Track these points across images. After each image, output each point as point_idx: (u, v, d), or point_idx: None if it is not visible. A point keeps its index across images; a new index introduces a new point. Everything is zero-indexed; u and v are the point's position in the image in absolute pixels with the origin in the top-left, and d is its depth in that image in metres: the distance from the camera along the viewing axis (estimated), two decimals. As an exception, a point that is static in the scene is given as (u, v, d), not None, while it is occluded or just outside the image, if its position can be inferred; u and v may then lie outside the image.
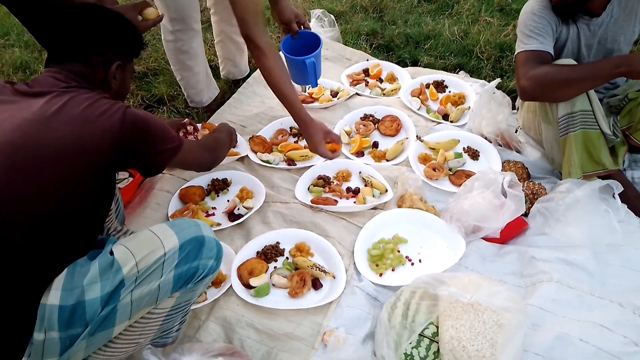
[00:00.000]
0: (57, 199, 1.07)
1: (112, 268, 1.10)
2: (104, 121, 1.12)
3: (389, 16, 3.33)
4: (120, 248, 1.14)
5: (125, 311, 1.13)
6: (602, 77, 1.71)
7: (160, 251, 1.14)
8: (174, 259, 1.16)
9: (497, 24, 3.14)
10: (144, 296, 1.15)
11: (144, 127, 1.20)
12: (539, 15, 1.79)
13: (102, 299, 1.08)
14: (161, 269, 1.15)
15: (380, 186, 1.94)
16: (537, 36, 1.77)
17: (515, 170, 1.99)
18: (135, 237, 1.18)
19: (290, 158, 2.13)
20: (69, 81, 1.20)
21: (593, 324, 1.45)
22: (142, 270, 1.12)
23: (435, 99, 2.45)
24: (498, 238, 1.74)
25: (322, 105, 2.40)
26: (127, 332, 1.20)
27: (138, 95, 2.61)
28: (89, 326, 1.08)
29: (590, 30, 1.84)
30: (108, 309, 1.10)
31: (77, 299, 1.06)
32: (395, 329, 1.40)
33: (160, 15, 1.69)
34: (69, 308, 1.06)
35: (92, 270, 1.09)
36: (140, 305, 1.16)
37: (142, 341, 1.26)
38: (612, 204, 1.73)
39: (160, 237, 1.16)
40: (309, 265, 1.64)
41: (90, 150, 1.10)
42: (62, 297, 1.05)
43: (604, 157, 1.80)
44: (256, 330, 1.48)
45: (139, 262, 1.12)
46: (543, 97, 1.83)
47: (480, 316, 1.37)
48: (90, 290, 1.07)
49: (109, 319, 1.11)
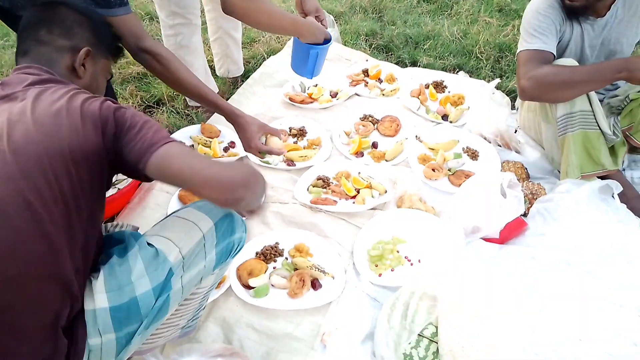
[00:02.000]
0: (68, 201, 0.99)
1: (157, 259, 1.09)
2: (85, 111, 1.02)
3: (388, 16, 3.34)
4: (158, 238, 1.12)
5: (177, 297, 1.13)
6: (602, 80, 1.71)
7: (199, 234, 1.14)
8: (214, 238, 1.17)
9: (497, 24, 3.14)
10: (193, 278, 1.15)
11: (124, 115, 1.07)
12: (544, 14, 1.78)
13: (154, 291, 1.07)
14: (204, 250, 1.15)
15: (380, 187, 1.94)
16: (540, 35, 1.77)
17: (514, 170, 1.99)
18: (166, 226, 1.17)
19: (289, 158, 2.13)
20: (41, 74, 1.11)
21: (593, 324, 1.44)
22: (186, 255, 1.12)
23: (434, 99, 2.45)
24: (497, 238, 1.74)
25: (321, 105, 2.40)
26: (171, 316, 1.20)
27: (137, 96, 2.60)
28: (145, 320, 1.07)
29: (594, 31, 1.84)
30: (162, 299, 1.09)
31: (129, 296, 1.04)
32: (394, 329, 1.40)
33: (280, 149, 1.70)
34: (122, 307, 1.04)
35: (137, 265, 1.07)
36: (190, 287, 1.17)
37: (181, 323, 1.28)
38: (611, 204, 1.73)
39: (193, 220, 1.16)
40: (308, 266, 1.64)
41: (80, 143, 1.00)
42: (111, 298, 1.03)
43: (604, 157, 1.80)
44: (255, 330, 1.48)
45: (182, 248, 1.12)
46: (543, 97, 1.83)
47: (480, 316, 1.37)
48: (140, 285, 1.06)
49: (163, 309, 1.10)
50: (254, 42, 3.14)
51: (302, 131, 2.28)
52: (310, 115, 2.35)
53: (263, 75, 2.63)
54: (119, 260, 1.08)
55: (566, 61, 1.77)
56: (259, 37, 3.16)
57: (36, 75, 1.10)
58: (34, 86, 1.06)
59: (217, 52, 2.66)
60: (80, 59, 1.17)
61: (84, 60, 1.18)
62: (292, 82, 2.54)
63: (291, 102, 2.41)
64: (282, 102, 2.44)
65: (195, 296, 1.24)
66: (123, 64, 2.85)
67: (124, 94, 2.61)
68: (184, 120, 2.46)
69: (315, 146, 2.19)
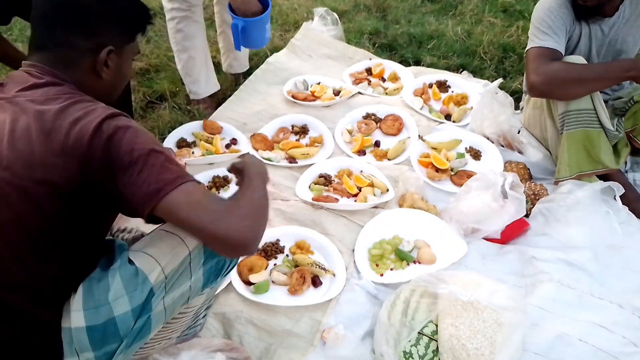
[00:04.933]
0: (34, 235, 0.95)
1: (136, 279, 1.00)
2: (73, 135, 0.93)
3: (392, 15, 3.34)
4: (140, 255, 1.03)
5: (159, 318, 1.07)
6: (611, 79, 1.72)
7: (184, 251, 1.05)
8: (201, 257, 1.08)
9: (501, 24, 3.14)
10: (177, 300, 1.08)
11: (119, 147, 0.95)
12: (556, 12, 1.79)
13: (133, 312, 1.01)
14: (189, 269, 1.06)
15: (382, 185, 1.94)
16: (552, 34, 1.77)
17: (517, 170, 1.99)
18: (152, 240, 1.07)
19: (291, 156, 2.12)
20: (42, 76, 1.02)
21: (592, 324, 1.45)
22: (169, 275, 1.03)
23: (437, 98, 2.45)
24: (499, 238, 1.74)
25: (324, 103, 2.40)
26: (159, 333, 1.15)
27: (140, 92, 2.60)
28: (125, 340, 1.01)
29: (602, 31, 1.84)
30: (142, 320, 1.03)
31: (106, 316, 0.99)
32: (394, 326, 1.40)
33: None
34: (99, 327, 0.99)
35: (115, 284, 0.99)
36: (175, 308, 1.10)
37: (173, 336, 1.23)
38: (613, 206, 1.73)
39: (180, 235, 1.05)
40: (309, 263, 1.64)
41: (52, 174, 0.93)
42: (88, 317, 0.98)
43: (604, 155, 1.80)
44: (255, 326, 1.48)
45: (165, 267, 1.03)
46: (551, 94, 1.83)
47: (480, 315, 1.37)
48: (118, 305, 0.99)
49: (145, 329, 1.05)
50: (258, 39, 3.13)
51: (305, 129, 2.28)
52: (312, 113, 2.35)
53: (266, 73, 2.63)
54: (99, 275, 1.02)
55: (576, 59, 1.76)
56: (263, 35, 3.16)
57: (35, 77, 1.02)
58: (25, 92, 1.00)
59: (222, 46, 2.66)
60: (101, 62, 1.07)
61: (108, 59, 1.07)
62: (295, 79, 2.54)
63: (294, 99, 2.40)
64: (285, 100, 2.43)
65: (184, 315, 1.18)
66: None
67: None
68: (186, 116, 2.46)
69: (317, 144, 2.19)
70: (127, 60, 1.15)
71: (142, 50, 2.92)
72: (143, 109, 2.53)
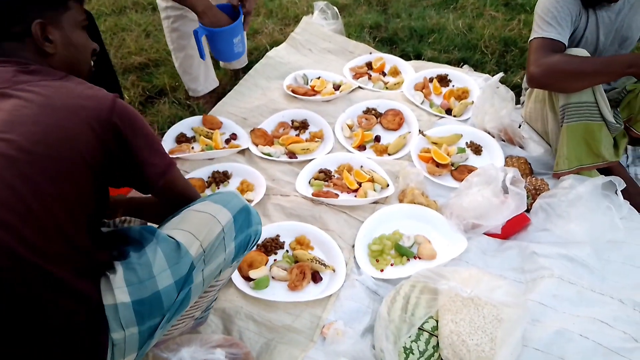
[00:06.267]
0: (64, 204, 0.98)
1: (178, 252, 1.06)
2: (91, 110, 1.00)
3: (393, 9, 3.32)
4: (178, 232, 1.10)
5: (197, 290, 1.13)
6: (612, 74, 1.70)
7: (218, 226, 1.13)
8: (232, 231, 1.16)
9: (502, 18, 3.11)
10: (213, 271, 1.15)
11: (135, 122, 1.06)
12: (562, 2, 1.77)
13: (177, 284, 1.05)
14: (223, 243, 1.14)
15: (382, 180, 1.93)
16: (556, 25, 1.75)
17: (518, 165, 1.98)
18: (184, 219, 1.14)
19: (291, 151, 2.12)
20: (25, 65, 1.04)
21: (593, 320, 1.44)
22: (207, 248, 1.11)
23: (438, 93, 2.44)
24: (499, 234, 1.73)
25: (324, 98, 2.39)
26: (187, 310, 1.19)
27: (139, 87, 2.59)
28: (167, 314, 1.06)
29: (609, 18, 1.83)
30: (184, 293, 1.07)
31: (152, 290, 1.02)
32: (394, 322, 1.39)
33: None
34: (145, 301, 1.02)
35: (158, 258, 1.04)
36: (210, 280, 1.16)
37: (196, 314, 1.28)
38: (614, 201, 1.72)
39: (212, 213, 1.14)
40: (309, 259, 1.64)
41: (81, 146, 0.99)
42: (132, 292, 1.01)
43: (604, 149, 1.79)
44: (255, 322, 1.48)
45: (202, 241, 1.10)
46: (550, 86, 1.83)
47: (480, 310, 1.37)
48: (162, 278, 1.04)
49: (184, 302, 1.10)
50: (257, 33, 3.12)
51: (305, 124, 2.27)
52: (312, 107, 2.34)
53: (265, 67, 2.61)
54: (137, 255, 1.06)
55: (578, 51, 1.75)
56: (262, 29, 3.15)
57: (20, 66, 1.04)
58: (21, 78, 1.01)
59: None
60: (38, 37, 1.06)
61: (46, 33, 1.07)
62: (294, 74, 2.53)
63: (294, 94, 2.39)
64: (285, 94, 2.42)
65: (213, 288, 1.24)
66: (125, 54, 2.84)
67: (126, 84, 2.61)
68: (186, 111, 2.45)
69: (317, 139, 2.18)
70: (74, 31, 1.14)
71: (142, 45, 2.91)
72: (142, 103, 2.52)
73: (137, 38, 2.99)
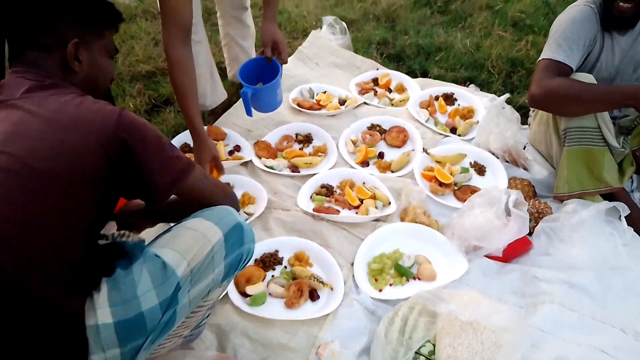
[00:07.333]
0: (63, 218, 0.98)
1: (164, 272, 1.03)
2: (97, 124, 1.00)
3: (401, 26, 3.32)
4: (166, 250, 1.07)
5: (184, 311, 1.10)
6: (611, 104, 1.69)
7: (208, 245, 1.10)
8: (223, 250, 1.13)
9: (510, 38, 3.11)
10: (200, 292, 1.12)
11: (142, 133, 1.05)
12: (579, 24, 1.76)
13: (161, 305, 1.02)
14: (213, 262, 1.11)
15: (384, 198, 1.92)
16: (566, 47, 1.75)
17: (521, 187, 1.96)
18: (174, 237, 1.11)
19: (294, 165, 2.11)
20: (42, 79, 1.05)
21: (593, 349, 1.42)
22: (195, 268, 1.07)
23: (443, 111, 2.43)
24: (501, 257, 1.72)
25: (329, 112, 2.39)
26: (175, 329, 1.16)
27: (145, 95, 2.60)
28: (151, 335, 1.03)
29: (626, 43, 1.82)
30: (169, 314, 1.04)
31: (135, 311, 1.00)
32: (391, 344, 1.37)
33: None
34: (127, 322, 0.99)
35: (143, 278, 1.01)
36: (197, 300, 1.13)
37: (185, 332, 1.25)
38: (617, 227, 1.70)
39: (202, 231, 1.11)
40: (307, 276, 1.62)
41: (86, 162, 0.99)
42: (115, 313, 0.98)
43: (607, 174, 1.77)
44: (250, 339, 1.46)
45: (191, 261, 1.06)
46: (549, 108, 1.84)
47: (479, 336, 1.35)
48: (146, 299, 1.01)
49: (170, 323, 1.06)
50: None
51: (309, 138, 2.27)
52: (317, 121, 2.34)
53: (272, 80, 2.61)
54: (123, 273, 1.03)
55: (584, 76, 1.74)
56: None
57: (36, 81, 1.05)
58: (34, 93, 1.02)
59: (227, 57, 2.66)
60: (70, 55, 1.09)
61: (77, 53, 1.10)
62: (301, 87, 2.53)
63: (299, 107, 2.40)
64: (290, 108, 2.42)
65: (201, 308, 1.21)
66: (132, 62, 2.85)
67: (132, 91, 2.61)
68: (191, 121, 2.45)
69: (320, 153, 2.18)
70: (102, 57, 1.18)
71: (149, 54, 2.92)
72: (148, 112, 2.53)
73: (145, 46, 3.01)
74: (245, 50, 2.59)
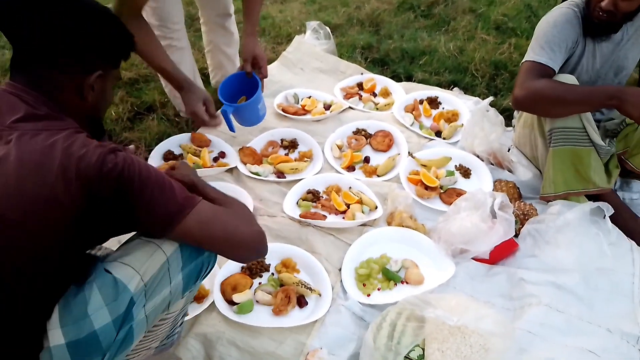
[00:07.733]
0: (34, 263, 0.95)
1: (115, 289, 0.99)
2: (81, 170, 0.94)
3: (385, 30, 3.33)
4: (117, 265, 1.02)
5: (141, 327, 1.06)
6: (594, 104, 1.71)
7: (162, 257, 1.05)
8: (179, 262, 1.08)
9: (493, 41, 3.14)
10: (158, 306, 1.08)
11: (130, 180, 0.98)
12: (560, 27, 1.78)
13: (115, 323, 0.99)
14: (168, 275, 1.07)
15: (370, 202, 1.92)
16: (549, 50, 1.76)
17: (506, 190, 1.97)
18: (127, 250, 1.06)
19: (279, 170, 2.10)
20: (37, 107, 1.00)
21: (581, 350, 1.42)
22: (149, 282, 1.03)
23: (428, 115, 2.44)
24: (487, 259, 1.72)
25: (314, 118, 2.38)
26: (140, 343, 1.14)
27: (127, 102, 2.57)
28: (107, 352, 1.00)
29: (607, 48, 1.84)
30: (124, 330, 1.01)
31: (87, 330, 0.96)
32: (380, 350, 1.36)
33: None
34: (80, 342, 0.96)
35: (93, 296, 0.98)
36: (156, 315, 1.10)
37: (153, 345, 1.22)
38: (602, 227, 1.72)
39: (156, 242, 1.06)
40: (295, 282, 1.61)
41: (66, 212, 0.94)
42: (67, 334, 0.96)
43: (594, 173, 1.79)
44: (237, 348, 1.44)
45: (144, 275, 1.02)
46: (533, 109, 1.85)
47: (467, 340, 1.35)
48: (98, 317, 0.97)
49: (127, 339, 1.03)
50: (249, 51, 3.11)
51: (294, 143, 2.26)
52: (302, 127, 2.33)
53: (256, 85, 2.60)
54: (75, 291, 1.00)
55: (566, 77, 1.75)
56: (255, 47, 3.14)
57: (31, 107, 1.00)
58: (26, 123, 0.98)
59: (210, 64, 2.65)
60: (89, 85, 1.06)
61: (94, 83, 1.07)
62: (285, 92, 2.52)
63: (284, 113, 2.39)
64: (275, 113, 2.41)
65: (164, 322, 1.17)
66: (115, 69, 2.82)
67: (115, 99, 2.58)
68: (174, 128, 2.43)
69: (306, 159, 2.17)
70: (110, 85, 1.17)
71: (132, 60, 2.89)
72: (130, 119, 2.49)
73: (128, 53, 2.98)
74: (229, 57, 2.58)
